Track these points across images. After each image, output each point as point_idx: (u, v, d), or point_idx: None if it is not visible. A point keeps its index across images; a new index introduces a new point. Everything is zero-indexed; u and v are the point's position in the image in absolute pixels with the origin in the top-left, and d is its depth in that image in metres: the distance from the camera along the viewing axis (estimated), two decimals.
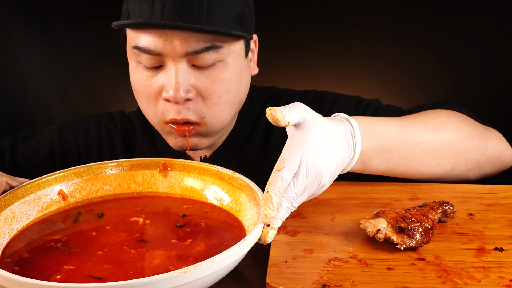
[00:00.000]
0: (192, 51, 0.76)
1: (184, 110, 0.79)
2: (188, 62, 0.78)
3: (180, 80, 0.77)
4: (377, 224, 0.61)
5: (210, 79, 0.79)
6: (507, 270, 0.55)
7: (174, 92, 0.77)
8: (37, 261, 0.61)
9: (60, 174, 0.74)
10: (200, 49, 0.76)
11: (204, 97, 0.80)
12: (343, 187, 0.76)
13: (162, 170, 0.77)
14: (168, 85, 0.78)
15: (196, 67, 0.79)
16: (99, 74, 1.60)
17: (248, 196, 0.68)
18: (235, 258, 0.54)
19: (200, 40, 0.76)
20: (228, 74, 0.80)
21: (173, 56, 0.77)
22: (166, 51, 0.76)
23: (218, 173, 0.74)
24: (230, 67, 0.80)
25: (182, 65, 0.77)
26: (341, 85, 1.58)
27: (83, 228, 0.68)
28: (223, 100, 0.81)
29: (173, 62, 0.77)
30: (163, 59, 0.78)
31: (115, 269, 0.58)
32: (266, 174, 0.63)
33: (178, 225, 0.68)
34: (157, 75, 0.80)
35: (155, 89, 0.80)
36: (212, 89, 0.79)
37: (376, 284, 0.53)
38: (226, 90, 0.81)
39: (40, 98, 1.59)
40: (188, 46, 0.76)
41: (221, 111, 0.82)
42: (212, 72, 0.79)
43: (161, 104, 0.81)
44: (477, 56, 1.51)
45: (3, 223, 0.65)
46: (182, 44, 0.76)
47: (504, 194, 0.73)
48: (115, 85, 1.61)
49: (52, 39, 1.55)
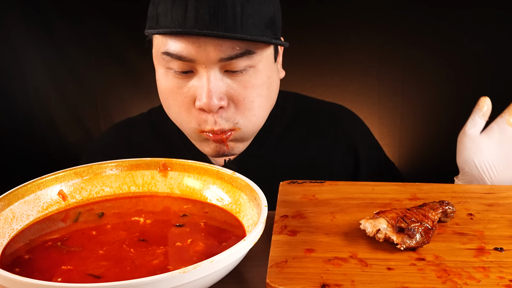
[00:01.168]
0: (226, 58, 0.75)
1: (219, 119, 0.78)
2: (220, 69, 0.77)
3: (213, 88, 0.76)
4: (377, 224, 0.61)
5: (242, 85, 0.78)
6: (507, 270, 0.55)
7: (208, 100, 0.75)
8: (37, 261, 0.61)
9: (60, 174, 0.74)
10: (234, 55, 0.75)
11: (236, 104, 0.79)
12: (343, 187, 0.76)
13: (162, 170, 0.77)
14: (201, 93, 0.76)
15: (228, 73, 0.77)
16: (99, 74, 1.60)
17: (248, 196, 0.68)
18: (235, 258, 0.54)
19: (234, 47, 0.75)
20: (260, 80, 0.80)
21: (206, 63, 0.75)
22: (199, 57, 0.75)
23: (218, 173, 0.74)
24: (261, 72, 0.80)
25: (215, 72, 0.76)
26: (341, 85, 1.58)
27: (83, 228, 0.68)
28: (256, 105, 0.80)
29: (205, 69, 0.76)
30: (194, 65, 0.76)
31: (115, 269, 0.58)
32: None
33: (178, 225, 0.68)
34: (189, 82, 0.78)
35: (188, 97, 0.79)
36: (244, 94, 0.79)
37: (376, 284, 0.53)
38: (258, 95, 0.80)
39: (40, 98, 1.59)
40: (222, 52, 0.74)
41: (254, 116, 0.81)
42: (244, 78, 0.78)
43: (195, 113, 0.79)
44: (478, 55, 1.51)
45: (3, 223, 0.65)
46: (216, 50, 0.74)
47: (504, 194, 0.73)
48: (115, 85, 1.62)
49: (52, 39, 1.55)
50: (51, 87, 1.60)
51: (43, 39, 1.55)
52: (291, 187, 0.76)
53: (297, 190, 0.75)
